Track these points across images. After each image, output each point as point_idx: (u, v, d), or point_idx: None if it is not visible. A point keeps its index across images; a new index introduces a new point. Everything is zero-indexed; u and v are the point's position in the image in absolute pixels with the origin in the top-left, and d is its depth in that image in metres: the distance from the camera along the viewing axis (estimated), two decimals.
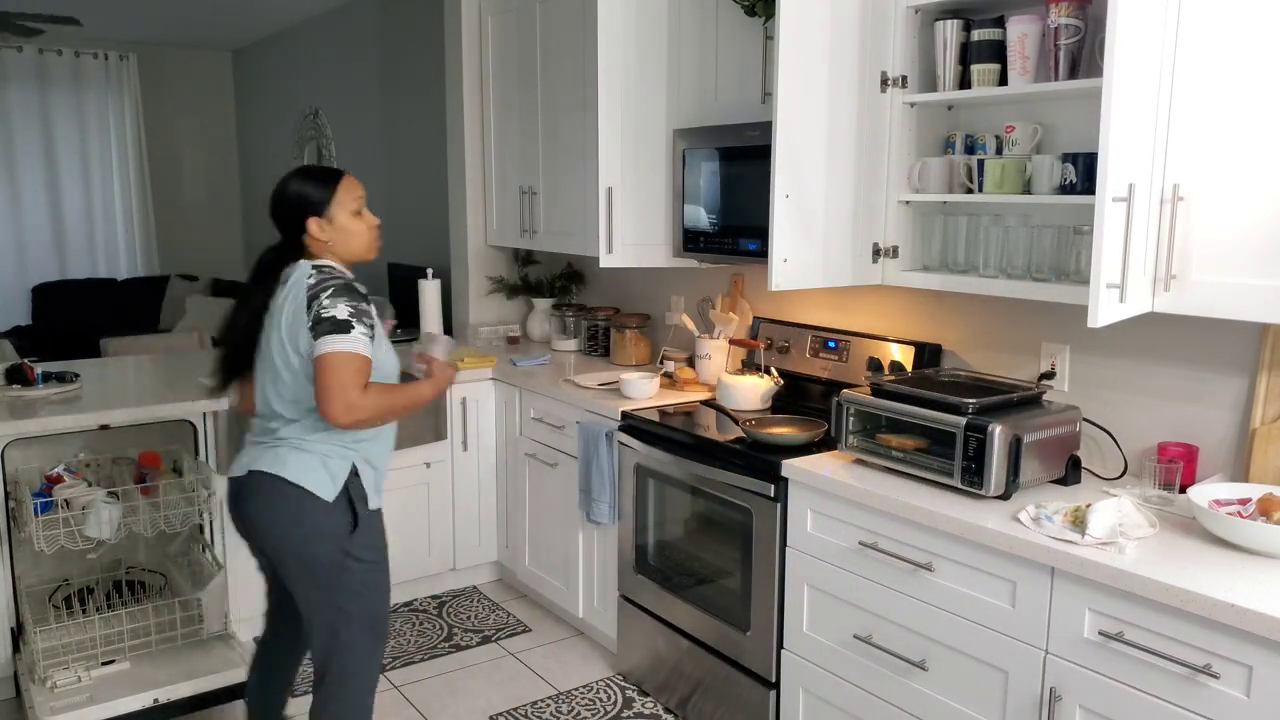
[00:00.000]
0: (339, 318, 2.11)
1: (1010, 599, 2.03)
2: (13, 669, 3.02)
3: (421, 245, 5.79)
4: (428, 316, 4.25)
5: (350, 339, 2.10)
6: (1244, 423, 2.21)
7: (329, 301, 2.12)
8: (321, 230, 2.25)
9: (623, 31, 3.10)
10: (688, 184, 3.16)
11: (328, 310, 2.12)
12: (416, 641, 3.53)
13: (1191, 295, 1.98)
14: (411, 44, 5.64)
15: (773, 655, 2.61)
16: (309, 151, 7.17)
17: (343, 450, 2.25)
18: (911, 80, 2.55)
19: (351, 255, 2.32)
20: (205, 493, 3.01)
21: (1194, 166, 1.96)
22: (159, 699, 2.74)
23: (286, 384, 2.20)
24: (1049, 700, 1.97)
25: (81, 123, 7.94)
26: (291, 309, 2.18)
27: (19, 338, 6.80)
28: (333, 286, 2.15)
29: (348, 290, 2.16)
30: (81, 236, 8.06)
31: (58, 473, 2.97)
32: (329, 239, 2.26)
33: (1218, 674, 1.70)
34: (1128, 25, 1.87)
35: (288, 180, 2.27)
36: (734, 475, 2.65)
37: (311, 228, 2.24)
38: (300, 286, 2.18)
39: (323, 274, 2.20)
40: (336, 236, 2.26)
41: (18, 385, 3.25)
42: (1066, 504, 2.08)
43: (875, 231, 2.62)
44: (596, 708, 3.08)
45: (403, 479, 3.73)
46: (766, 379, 3.07)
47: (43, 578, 3.26)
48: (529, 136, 4.03)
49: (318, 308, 2.12)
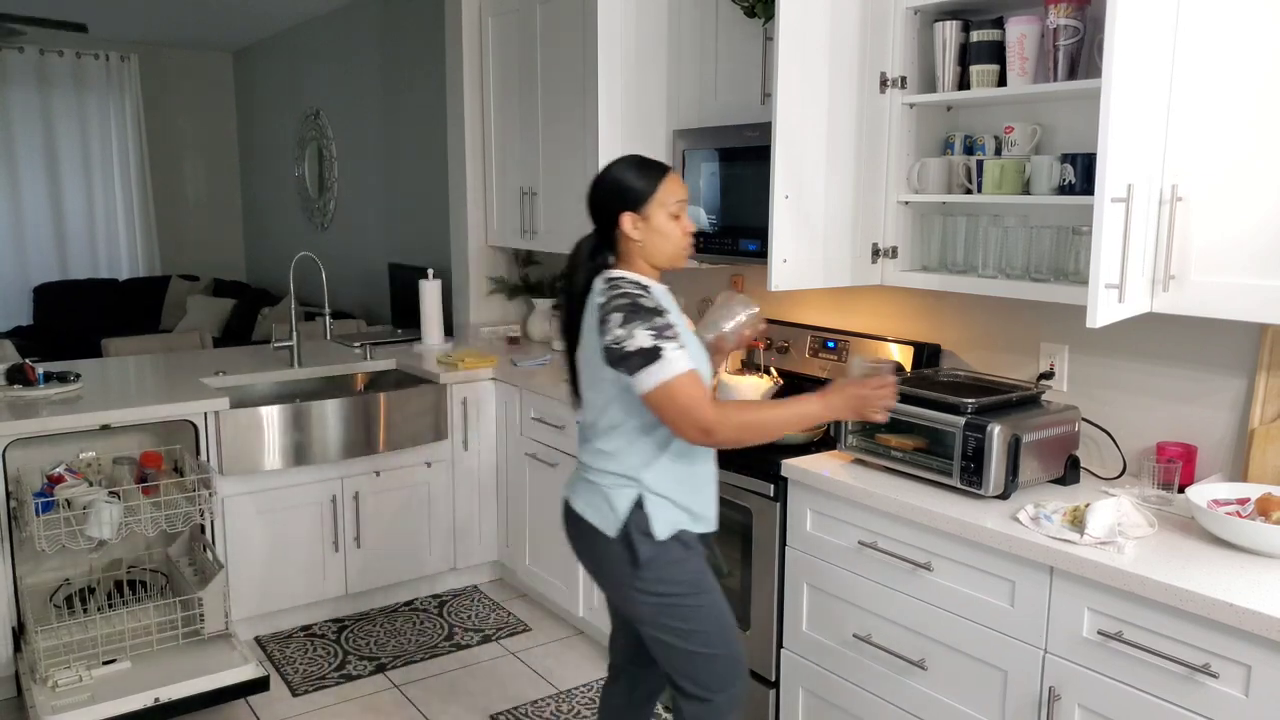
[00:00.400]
0: (645, 347, 1.91)
1: (1009, 598, 2.04)
2: (14, 668, 3.02)
3: (422, 245, 5.80)
4: (428, 317, 4.26)
5: (665, 364, 1.90)
6: (1243, 423, 2.22)
7: (623, 332, 1.92)
8: (634, 228, 2.04)
9: (623, 32, 3.11)
10: (688, 184, 3.16)
11: (628, 343, 1.92)
12: (417, 640, 3.54)
13: (1190, 295, 1.99)
14: (412, 44, 5.64)
15: (772, 654, 2.62)
16: (309, 152, 7.18)
17: (625, 481, 2.07)
18: (911, 81, 2.55)
19: (660, 260, 2.09)
20: (206, 492, 3.01)
21: (1193, 167, 1.96)
22: (160, 698, 2.75)
23: (597, 399, 2.06)
24: (1048, 700, 1.97)
25: (83, 123, 7.95)
26: (589, 326, 2.03)
27: (20, 337, 6.81)
28: (620, 312, 1.94)
29: (635, 311, 1.94)
30: (83, 237, 8.07)
31: (59, 472, 2.98)
32: (641, 239, 2.04)
33: (1216, 673, 1.71)
34: (1126, 26, 1.87)
35: (613, 166, 2.08)
36: (734, 475, 2.66)
37: (625, 223, 2.04)
38: (593, 307, 2.02)
39: (611, 291, 1.99)
40: (649, 237, 2.05)
41: (19, 385, 3.25)
42: (1065, 503, 2.08)
43: (874, 232, 2.62)
44: (596, 707, 3.08)
45: (403, 478, 3.74)
46: (766, 379, 3.08)
47: (44, 577, 3.27)
48: (529, 137, 4.04)
49: (611, 340, 1.94)
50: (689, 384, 1.92)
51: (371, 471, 3.66)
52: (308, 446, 3.46)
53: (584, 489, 2.14)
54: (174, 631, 2.94)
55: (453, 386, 3.79)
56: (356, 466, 3.62)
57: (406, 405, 3.66)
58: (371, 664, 3.37)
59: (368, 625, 3.66)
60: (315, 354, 4.10)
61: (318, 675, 3.29)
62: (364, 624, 3.67)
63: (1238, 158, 1.90)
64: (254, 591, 3.48)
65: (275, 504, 3.47)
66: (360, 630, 3.62)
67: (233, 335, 7.08)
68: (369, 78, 6.21)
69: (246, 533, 3.43)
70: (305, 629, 3.63)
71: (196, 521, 3.10)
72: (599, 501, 2.09)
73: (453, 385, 3.79)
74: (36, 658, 2.79)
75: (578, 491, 2.16)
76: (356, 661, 3.39)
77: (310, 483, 3.54)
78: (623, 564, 2.07)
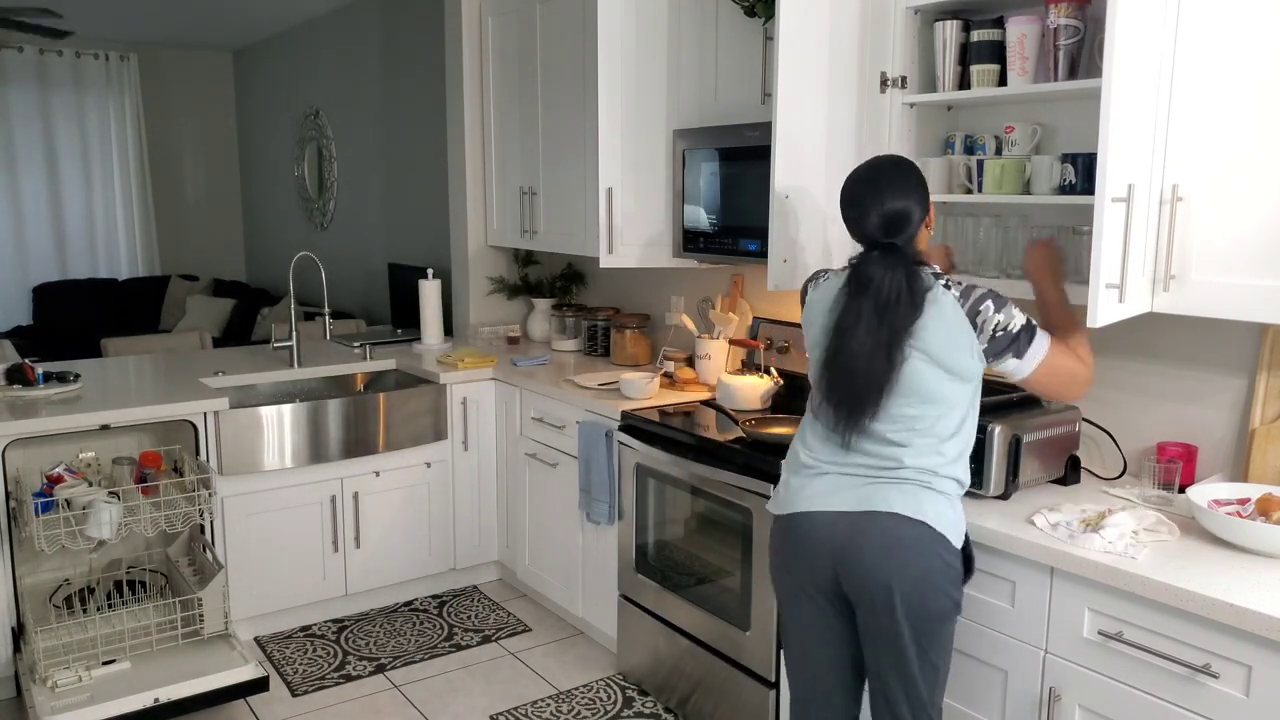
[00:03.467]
0: (1025, 323, 1.92)
1: (1010, 598, 2.04)
2: (14, 669, 3.02)
3: (422, 245, 5.79)
4: (427, 317, 4.25)
5: (1041, 334, 1.94)
6: (1243, 423, 2.21)
7: (1003, 316, 1.90)
8: (928, 231, 2.05)
9: (623, 31, 3.11)
10: (688, 184, 3.16)
11: (1012, 324, 1.90)
12: (417, 641, 3.54)
13: (1191, 295, 1.99)
14: (411, 45, 5.64)
15: (773, 654, 2.61)
16: (309, 151, 7.18)
17: (958, 486, 1.98)
18: (911, 81, 2.55)
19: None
20: (206, 492, 3.01)
21: (1193, 167, 1.96)
22: (159, 699, 2.75)
23: (929, 416, 1.93)
24: (1048, 700, 1.97)
25: (82, 123, 7.94)
26: (937, 329, 1.90)
27: (20, 338, 6.81)
28: (989, 300, 1.91)
29: (996, 295, 1.93)
30: (82, 237, 8.06)
31: (58, 473, 2.97)
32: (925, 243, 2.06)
33: (1217, 674, 1.71)
34: (1127, 26, 1.87)
35: (907, 162, 2.01)
36: (734, 475, 2.66)
37: (931, 220, 2.04)
38: (944, 308, 1.90)
39: (958, 286, 1.93)
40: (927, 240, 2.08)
41: (18, 385, 3.25)
42: (1079, 508, 2.08)
43: None
44: (596, 707, 3.08)
45: (403, 479, 3.74)
46: (766, 379, 3.08)
47: (43, 578, 3.27)
48: (529, 137, 4.04)
49: (996, 326, 1.90)
50: (1068, 349, 1.99)
51: (371, 471, 3.66)
52: (307, 447, 3.46)
53: (897, 491, 1.92)
54: (174, 632, 2.93)
55: (452, 386, 3.79)
56: (356, 466, 3.62)
57: (406, 405, 3.66)
58: (371, 664, 3.37)
59: (367, 625, 3.66)
60: (315, 354, 4.10)
61: (317, 675, 3.29)
62: (364, 624, 3.67)
63: (1238, 157, 1.90)
64: (254, 591, 3.48)
65: (275, 504, 3.47)
66: (360, 630, 3.62)
67: (232, 335, 7.08)
68: (369, 78, 6.21)
69: (246, 533, 3.42)
70: (305, 629, 3.63)
71: (196, 521, 3.10)
72: (934, 503, 1.92)
73: (452, 385, 3.78)
74: (36, 658, 2.79)
75: (885, 496, 1.93)
76: (356, 662, 3.39)
77: (310, 483, 3.54)
78: (954, 575, 1.94)
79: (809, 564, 2.01)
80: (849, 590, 1.97)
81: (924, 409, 1.92)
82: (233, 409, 3.30)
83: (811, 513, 2.00)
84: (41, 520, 2.79)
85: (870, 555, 1.91)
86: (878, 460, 1.95)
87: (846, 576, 1.96)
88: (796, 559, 2.04)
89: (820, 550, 1.98)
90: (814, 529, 1.99)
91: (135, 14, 6.75)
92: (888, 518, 1.91)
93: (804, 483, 2.03)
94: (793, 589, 2.07)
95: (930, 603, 1.91)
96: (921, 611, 1.90)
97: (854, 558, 1.93)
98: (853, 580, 1.95)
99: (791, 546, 2.04)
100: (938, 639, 1.94)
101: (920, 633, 1.92)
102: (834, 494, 1.98)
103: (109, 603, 3.17)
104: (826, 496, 1.99)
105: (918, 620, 1.91)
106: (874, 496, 1.93)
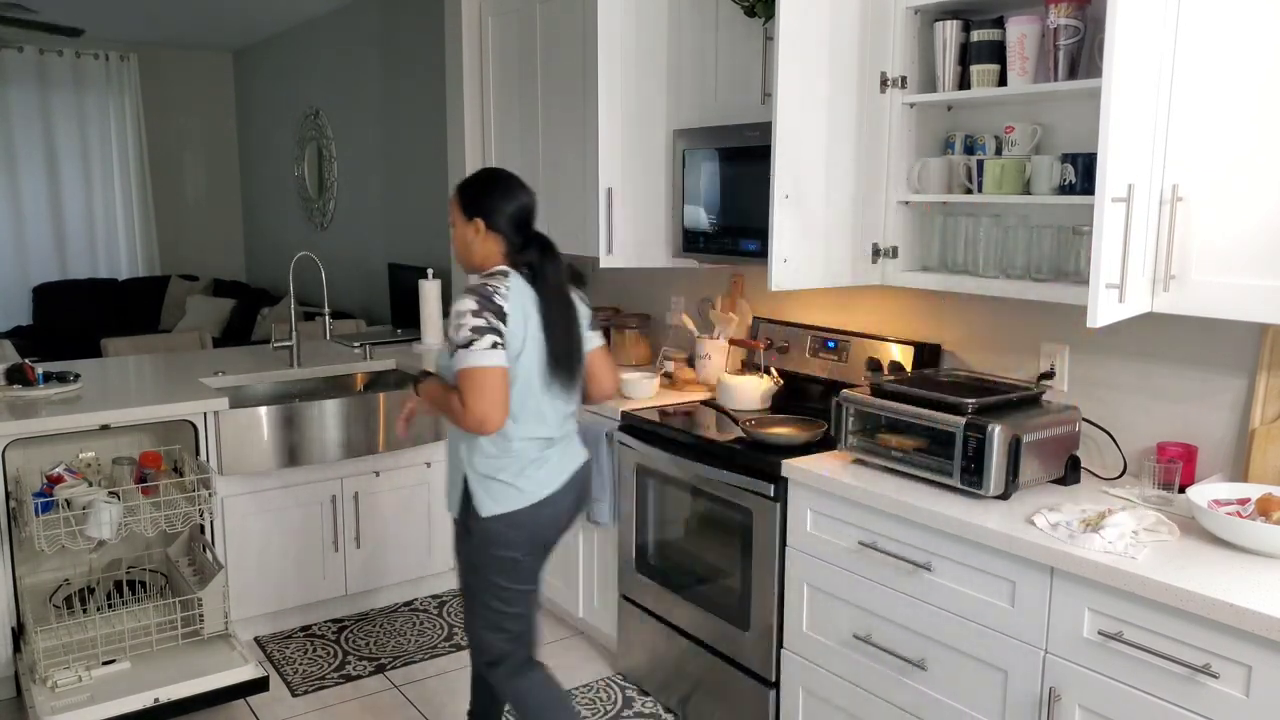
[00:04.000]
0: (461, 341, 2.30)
1: (1009, 598, 2.04)
2: (13, 669, 3.02)
3: (422, 245, 5.79)
4: (427, 317, 4.25)
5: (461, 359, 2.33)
6: (1243, 423, 2.21)
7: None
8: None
9: (622, 32, 3.11)
10: (687, 184, 3.16)
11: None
12: (417, 641, 3.54)
13: (1191, 295, 1.99)
14: (411, 44, 5.64)
15: (772, 654, 2.61)
16: (309, 151, 7.18)
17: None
18: (911, 81, 2.55)
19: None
20: (206, 492, 3.01)
21: (1193, 167, 1.96)
22: (159, 699, 2.75)
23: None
24: (1048, 700, 1.97)
25: (82, 123, 7.94)
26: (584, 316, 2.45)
27: (20, 337, 6.81)
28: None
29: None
30: (82, 237, 8.06)
31: (58, 473, 2.97)
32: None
33: (1217, 674, 1.71)
34: (1127, 25, 1.87)
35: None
36: (734, 475, 2.66)
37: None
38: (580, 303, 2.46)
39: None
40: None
41: (18, 385, 3.25)
42: (1079, 508, 2.08)
43: (875, 232, 2.62)
44: (596, 707, 3.08)
45: (403, 479, 3.73)
46: (766, 379, 3.08)
47: (43, 578, 3.27)
48: (529, 137, 4.03)
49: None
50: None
51: (371, 471, 3.66)
52: (307, 447, 3.46)
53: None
54: (174, 632, 2.93)
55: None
56: (356, 466, 3.62)
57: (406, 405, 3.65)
58: (371, 664, 3.37)
59: (367, 625, 3.66)
60: (315, 354, 4.10)
61: (317, 675, 3.29)
62: (364, 624, 3.67)
63: (1238, 157, 1.90)
64: (254, 591, 3.48)
65: (275, 504, 3.47)
66: (360, 630, 3.62)
67: (232, 335, 7.08)
68: (369, 78, 6.21)
69: (246, 533, 3.42)
70: (305, 629, 3.63)
71: (196, 521, 3.10)
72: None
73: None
74: (36, 658, 2.79)
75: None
76: (356, 662, 3.39)
77: (310, 483, 3.54)
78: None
79: (568, 519, 2.45)
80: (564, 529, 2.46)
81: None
82: (233, 409, 3.30)
83: (574, 473, 2.43)
84: (41, 520, 2.79)
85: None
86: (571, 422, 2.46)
87: (571, 521, 2.47)
88: (561, 523, 2.43)
89: (576, 503, 2.46)
90: (572, 485, 2.42)
91: (135, 14, 6.76)
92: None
93: (551, 454, 2.38)
94: (551, 545, 2.45)
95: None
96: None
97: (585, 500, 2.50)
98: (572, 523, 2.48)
99: (569, 510, 2.43)
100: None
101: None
102: (575, 453, 2.46)
103: (109, 603, 3.17)
104: (574, 458, 2.44)
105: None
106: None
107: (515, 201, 2.36)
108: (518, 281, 2.29)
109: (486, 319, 2.21)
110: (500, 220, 2.34)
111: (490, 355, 2.20)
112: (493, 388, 2.20)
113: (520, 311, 2.26)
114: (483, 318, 2.21)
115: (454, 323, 2.23)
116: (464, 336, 2.20)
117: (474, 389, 2.20)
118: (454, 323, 2.23)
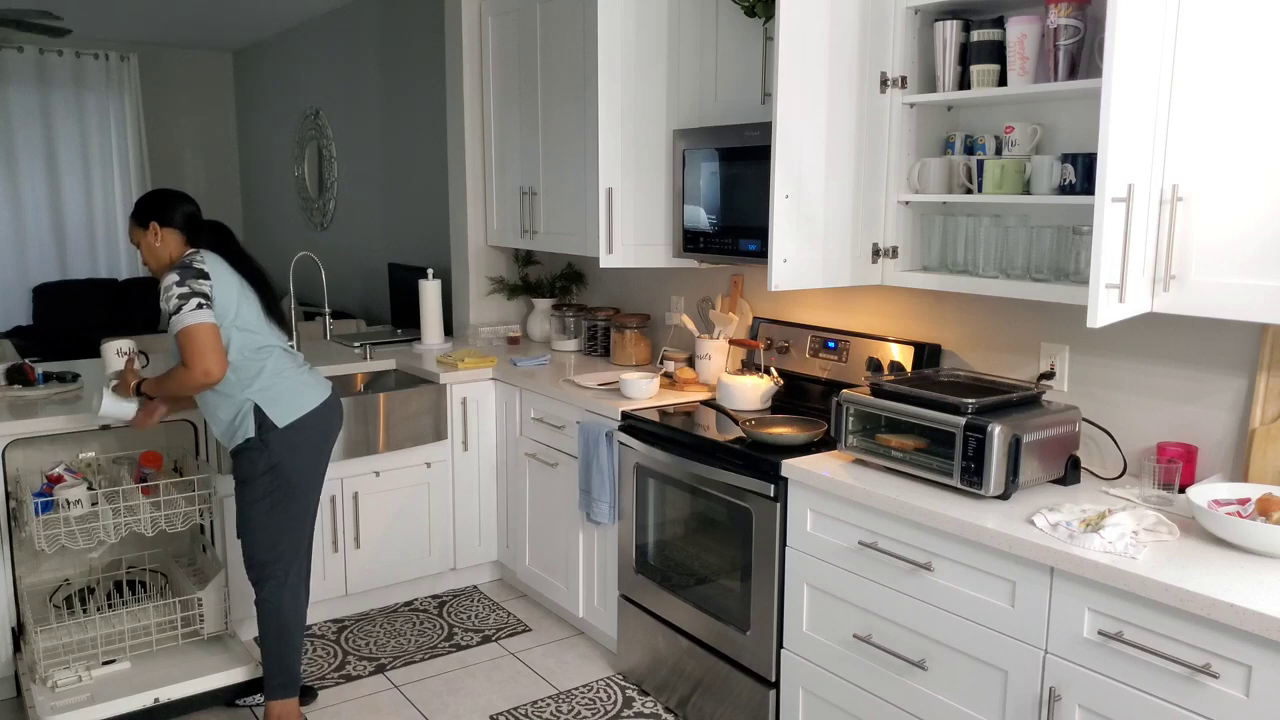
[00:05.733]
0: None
1: (1010, 598, 2.04)
2: (14, 669, 3.02)
3: (422, 245, 5.79)
4: (428, 317, 4.25)
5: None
6: (1243, 423, 2.22)
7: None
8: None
9: (623, 31, 3.11)
10: (688, 184, 3.16)
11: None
12: (417, 641, 3.54)
13: (1191, 295, 1.99)
14: (411, 44, 5.64)
15: (772, 655, 2.62)
16: (309, 151, 7.18)
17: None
18: (911, 81, 2.55)
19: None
20: (206, 492, 3.01)
21: (1193, 167, 1.96)
22: (159, 699, 2.75)
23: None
24: (1048, 700, 1.97)
25: (82, 123, 7.94)
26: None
27: (20, 338, 6.81)
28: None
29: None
30: (82, 237, 8.06)
31: (58, 472, 2.97)
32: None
33: (1217, 674, 1.71)
34: (1127, 25, 1.87)
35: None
36: (734, 475, 2.66)
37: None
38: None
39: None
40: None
41: (18, 385, 3.25)
42: (1079, 508, 2.08)
43: (875, 232, 2.62)
44: (596, 707, 3.09)
45: (403, 479, 3.74)
46: (766, 379, 3.08)
47: (43, 577, 3.27)
48: (529, 137, 4.04)
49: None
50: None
51: (371, 472, 3.66)
52: None
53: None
54: (174, 631, 2.94)
55: (452, 386, 3.79)
56: (356, 466, 3.62)
57: (406, 405, 3.66)
58: (371, 664, 3.37)
59: (367, 625, 3.66)
60: (315, 354, 4.10)
61: (317, 675, 3.29)
62: (364, 624, 3.67)
63: (1238, 157, 1.90)
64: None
65: None
66: (360, 630, 3.62)
67: None
68: (369, 78, 6.21)
69: None
70: (305, 629, 3.62)
71: (196, 521, 3.10)
72: None
73: (452, 385, 3.78)
74: (36, 658, 2.79)
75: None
76: (356, 662, 3.39)
77: None
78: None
79: (335, 437, 2.85)
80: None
81: None
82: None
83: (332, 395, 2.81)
84: (41, 520, 2.79)
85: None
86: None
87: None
88: (331, 438, 2.81)
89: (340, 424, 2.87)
90: (337, 406, 2.83)
91: (135, 14, 6.75)
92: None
93: (307, 378, 2.78)
94: (325, 462, 2.80)
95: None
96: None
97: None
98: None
99: (334, 426, 2.82)
100: None
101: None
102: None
103: (109, 603, 3.17)
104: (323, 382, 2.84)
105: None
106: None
107: (177, 201, 2.74)
108: (210, 254, 2.66)
109: (190, 285, 2.53)
110: (170, 215, 2.70)
111: (198, 314, 2.50)
112: (204, 341, 2.50)
113: (224, 271, 2.64)
114: (186, 285, 2.53)
115: (163, 296, 2.52)
116: (173, 305, 2.50)
117: (190, 346, 2.50)
118: (163, 296, 2.52)
